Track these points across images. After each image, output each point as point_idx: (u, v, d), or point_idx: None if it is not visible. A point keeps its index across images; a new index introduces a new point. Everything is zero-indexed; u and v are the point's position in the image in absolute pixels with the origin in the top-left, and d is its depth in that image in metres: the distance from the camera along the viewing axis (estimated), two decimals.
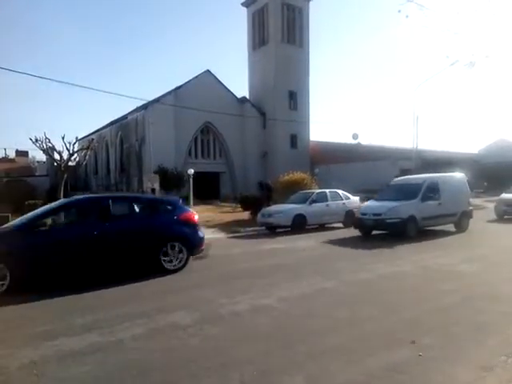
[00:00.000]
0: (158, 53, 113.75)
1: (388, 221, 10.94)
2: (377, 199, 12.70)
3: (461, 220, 12.24)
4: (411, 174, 25.03)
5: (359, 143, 37.34)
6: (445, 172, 14.58)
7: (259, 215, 14.35)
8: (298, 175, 19.84)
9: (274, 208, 14.45)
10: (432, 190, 11.85)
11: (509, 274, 6.76)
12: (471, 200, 13.81)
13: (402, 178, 14.50)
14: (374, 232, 11.78)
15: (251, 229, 14.25)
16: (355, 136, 36.96)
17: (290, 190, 17.30)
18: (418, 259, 8.09)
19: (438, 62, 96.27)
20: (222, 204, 26.26)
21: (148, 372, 3.39)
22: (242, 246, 10.46)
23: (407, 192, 11.89)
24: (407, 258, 8.20)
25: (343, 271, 7.21)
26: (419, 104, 69.46)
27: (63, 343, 4.06)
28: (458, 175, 13.41)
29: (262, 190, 26.34)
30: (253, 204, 17.36)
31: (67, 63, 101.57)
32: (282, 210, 13.77)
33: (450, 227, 12.41)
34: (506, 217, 15.26)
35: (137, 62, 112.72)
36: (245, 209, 18.79)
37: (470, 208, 12.87)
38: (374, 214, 11.39)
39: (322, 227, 14.61)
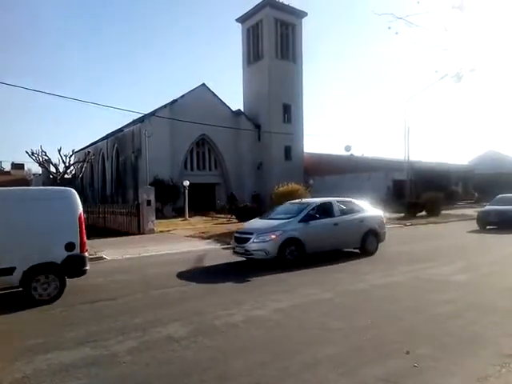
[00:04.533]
0: (154, 67, 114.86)
1: None
2: None
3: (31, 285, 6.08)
4: (405, 185, 25.42)
5: (352, 155, 37.66)
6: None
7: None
8: (292, 186, 20.03)
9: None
10: None
11: None
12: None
13: None
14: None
15: None
16: (348, 148, 37.27)
17: (285, 200, 17.38)
18: None
19: (428, 75, 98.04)
20: (218, 215, 26.25)
21: None
22: (237, 257, 10.39)
23: None
24: None
25: (339, 282, 7.19)
26: (410, 116, 70.56)
27: (56, 357, 4.01)
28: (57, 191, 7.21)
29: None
30: (247, 215, 17.38)
31: (65, 77, 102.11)
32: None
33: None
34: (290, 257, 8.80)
35: (133, 76, 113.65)
36: (239, 220, 18.82)
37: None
38: None
39: None
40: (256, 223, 10.28)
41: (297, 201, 10.82)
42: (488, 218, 16.04)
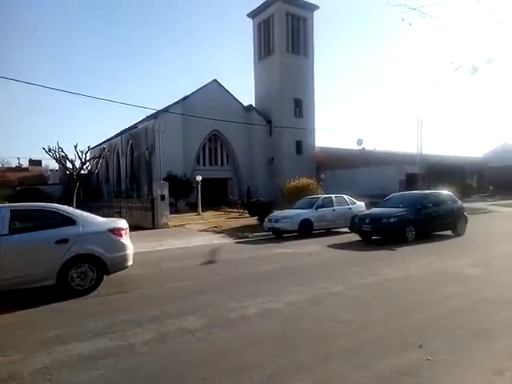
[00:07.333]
0: (166, 64, 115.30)
1: None
2: None
3: None
4: (418, 179, 25.02)
5: (364, 149, 37.28)
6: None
7: (266, 220, 14.33)
8: (304, 181, 19.98)
9: (281, 213, 14.45)
10: None
11: None
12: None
13: None
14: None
15: (258, 234, 14.26)
16: (360, 142, 36.97)
17: (297, 195, 17.45)
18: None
19: (442, 68, 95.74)
20: (230, 210, 26.40)
21: (159, 376, 3.44)
22: (250, 251, 10.47)
23: None
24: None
25: (350, 275, 7.18)
26: (423, 109, 69.32)
27: (75, 348, 4.10)
28: None
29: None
30: (260, 209, 17.40)
31: (77, 75, 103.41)
32: (289, 215, 13.78)
33: None
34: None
35: (145, 73, 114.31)
36: (252, 214, 18.88)
37: None
38: None
39: (328, 232, 14.62)
40: None
41: None
42: (362, 225, 11.81)
